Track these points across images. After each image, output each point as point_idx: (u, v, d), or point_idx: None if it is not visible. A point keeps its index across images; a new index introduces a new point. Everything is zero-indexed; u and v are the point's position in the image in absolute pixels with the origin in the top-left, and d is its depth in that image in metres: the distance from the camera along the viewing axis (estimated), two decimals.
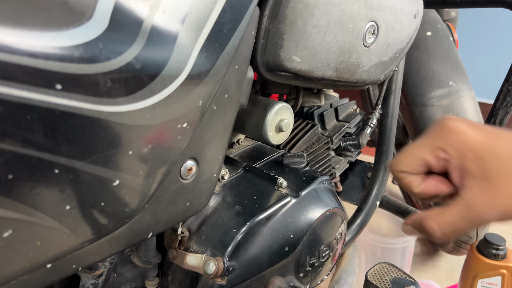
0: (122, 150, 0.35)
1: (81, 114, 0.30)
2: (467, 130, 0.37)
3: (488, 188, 0.35)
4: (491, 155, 0.35)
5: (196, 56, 0.39)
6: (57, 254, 0.35)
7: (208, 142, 0.46)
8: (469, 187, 0.36)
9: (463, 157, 0.36)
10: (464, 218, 0.36)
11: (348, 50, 0.59)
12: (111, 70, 0.31)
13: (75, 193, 0.33)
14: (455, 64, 1.03)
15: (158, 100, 0.36)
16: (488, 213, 0.35)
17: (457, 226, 0.37)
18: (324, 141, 0.80)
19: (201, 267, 0.50)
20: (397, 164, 0.41)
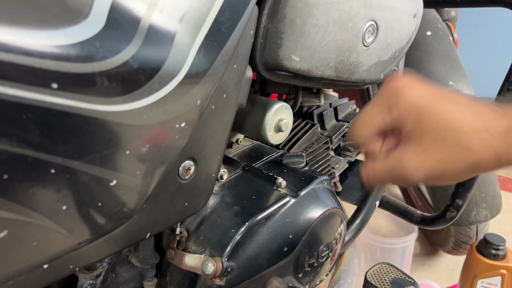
0: (119, 150, 0.35)
1: (78, 114, 0.30)
2: (410, 90, 0.36)
3: (419, 151, 0.35)
4: (428, 117, 0.35)
5: (194, 55, 0.39)
6: (53, 254, 0.34)
7: (206, 141, 0.46)
8: (402, 146, 0.37)
9: (405, 117, 0.36)
10: (390, 173, 0.38)
11: (348, 49, 0.58)
12: (108, 69, 0.31)
13: (72, 193, 0.32)
14: (455, 64, 1.02)
15: (155, 100, 0.36)
16: (414, 174, 0.36)
17: (383, 178, 0.39)
18: (324, 141, 0.80)
19: (200, 268, 0.50)
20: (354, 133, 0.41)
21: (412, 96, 0.36)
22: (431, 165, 0.35)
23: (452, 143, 0.34)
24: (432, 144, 0.35)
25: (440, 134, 0.35)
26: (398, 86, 0.37)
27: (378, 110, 0.39)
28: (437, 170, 0.35)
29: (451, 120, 0.34)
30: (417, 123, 0.36)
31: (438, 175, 0.36)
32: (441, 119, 0.35)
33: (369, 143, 0.41)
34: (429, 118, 0.35)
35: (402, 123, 0.37)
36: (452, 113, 0.34)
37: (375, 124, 0.39)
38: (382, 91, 0.39)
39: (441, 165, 0.35)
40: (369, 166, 0.40)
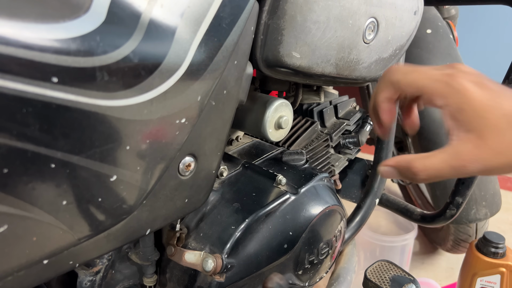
0: (119, 145, 0.35)
1: (78, 108, 0.30)
2: (472, 88, 0.38)
3: (478, 143, 0.37)
4: (492, 113, 0.36)
5: (194, 50, 0.39)
6: (53, 250, 0.34)
7: (206, 138, 0.46)
8: (460, 138, 0.38)
9: (461, 110, 0.38)
10: (449, 165, 0.38)
11: (348, 46, 0.58)
12: (108, 63, 0.31)
13: (72, 188, 0.32)
14: (455, 62, 1.02)
15: (156, 95, 0.36)
16: (473, 165, 0.37)
17: (441, 172, 0.39)
18: (324, 138, 0.80)
19: (200, 264, 0.50)
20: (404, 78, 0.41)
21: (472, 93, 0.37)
22: (489, 157, 0.36)
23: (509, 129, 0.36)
24: (493, 139, 0.36)
25: (502, 130, 0.36)
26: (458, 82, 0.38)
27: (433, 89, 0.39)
28: (495, 163, 0.37)
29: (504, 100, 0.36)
30: (478, 119, 0.37)
31: (495, 168, 0.37)
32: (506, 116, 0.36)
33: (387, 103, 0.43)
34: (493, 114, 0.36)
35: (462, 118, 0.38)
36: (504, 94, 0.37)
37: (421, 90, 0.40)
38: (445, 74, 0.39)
39: (499, 158, 0.36)
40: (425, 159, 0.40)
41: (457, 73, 0.39)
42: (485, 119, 0.36)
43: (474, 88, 0.37)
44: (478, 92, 0.37)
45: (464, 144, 0.37)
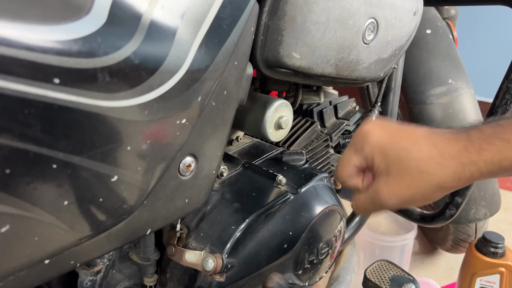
0: (120, 146, 0.35)
1: (79, 109, 0.30)
2: (375, 131, 0.43)
3: (388, 181, 0.42)
4: (391, 152, 0.42)
5: (195, 51, 0.39)
6: (54, 250, 0.34)
7: (207, 138, 0.46)
8: (376, 180, 0.44)
9: (372, 155, 0.43)
10: (371, 203, 0.44)
11: (348, 47, 0.59)
12: (109, 64, 0.31)
13: (73, 188, 0.33)
14: (454, 62, 1.02)
15: (156, 96, 0.36)
16: (389, 201, 0.43)
17: (367, 208, 0.46)
18: (323, 138, 0.80)
19: (200, 264, 0.50)
20: (338, 175, 0.48)
21: (376, 138, 0.43)
22: (400, 191, 0.42)
23: (413, 170, 0.41)
24: (398, 174, 0.41)
25: (403, 165, 0.41)
26: (364, 131, 0.44)
27: (353, 152, 0.46)
28: (406, 194, 0.42)
29: (410, 152, 0.41)
30: (383, 159, 0.42)
31: (408, 199, 0.42)
32: (402, 153, 0.41)
33: (351, 180, 0.47)
34: (392, 153, 0.42)
35: (372, 161, 0.44)
36: (410, 146, 0.41)
37: (351, 166, 0.46)
38: (354, 136, 0.46)
39: (408, 189, 0.41)
40: (356, 198, 0.47)
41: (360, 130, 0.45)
42: (387, 157, 0.42)
43: (376, 134, 0.43)
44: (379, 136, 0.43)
45: (378, 184, 0.43)
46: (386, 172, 0.42)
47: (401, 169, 0.41)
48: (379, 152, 0.43)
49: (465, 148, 0.39)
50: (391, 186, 0.42)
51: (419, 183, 0.41)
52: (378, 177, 0.43)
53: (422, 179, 0.40)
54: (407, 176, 0.41)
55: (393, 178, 0.42)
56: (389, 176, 0.42)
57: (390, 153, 0.42)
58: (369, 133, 0.44)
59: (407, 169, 0.41)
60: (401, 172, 0.41)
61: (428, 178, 0.40)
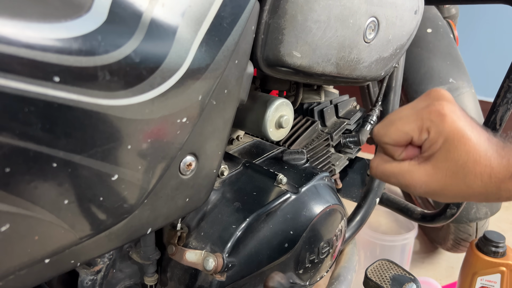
0: (121, 145, 0.35)
1: (79, 107, 0.30)
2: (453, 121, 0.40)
3: (431, 173, 0.41)
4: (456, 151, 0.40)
5: (196, 50, 0.39)
6: (55, 249, 0.34)
7: (207, 137, 0.46)
8: (418, 161, 0.42)
9: (436, 142, 0.41)
10: (397, 179, 0.43)
11: (349, 45, 0.58)
12: (110, 63, 0.31)
13: (74, 187, 0.32)
14: (455, 61, 1.02)
15: (157, 94, 0.36)
16: (418, 188, 0.42)
17: (387, 179, 0.45)
18: (324, 137, 0.80)
19: (200, 264, 0.50)
20: (384, 136, 0.44)
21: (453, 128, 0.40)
22: (434, 187, 0.41)
23: (459, 177, 0.40)
24: (445, 172, 0.40)
25: (455, 168, 0.40)
26: (443, 113, 0.40)
27: (415, 126, 0.42)
28: (438, 192, 0.42)
29: (467, 162, 0.39)
30: (446, 152, 0.40)
31: (436, 194, 0.42)
32: (462, 157, 0.39)
33: (393, 147, 0.44)
34: (456, 152, 0.40)
35: (431, 146, 0.41)
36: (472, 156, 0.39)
37: (409, 136, 0.43)
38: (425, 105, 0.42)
39: (442, 189, 0.41)
40: (381, 162, 0.45)
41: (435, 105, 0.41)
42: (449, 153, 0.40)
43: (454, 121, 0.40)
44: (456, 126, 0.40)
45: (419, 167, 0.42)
46: (434, 164, 0.41)
47: (449, 170, 0.40)
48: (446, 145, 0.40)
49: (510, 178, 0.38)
50: (430, 178, 0.41)
51: (455, 188, 0.41)
52: (423, 161, 0.42)
53: (459, 187, 0.40)
54: (449, 177, 0.40)
55: (436, 173, 0.41)
56: (435, 169, 0.41)
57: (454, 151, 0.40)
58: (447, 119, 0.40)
59: (454, 173, 0.40)
60: (448, 173, 0.40)
61: (464, 190, 0.40)
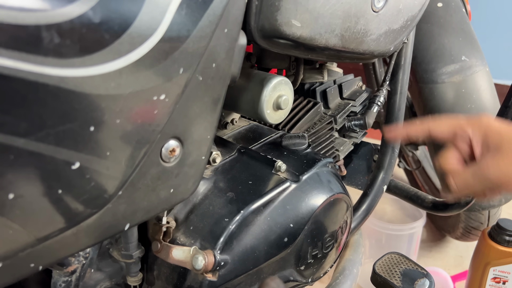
0: (80, 126, 0.28)
1: (19, 77, 0.24)
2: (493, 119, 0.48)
3: (497, 156, 0.45)
4: (507, 133, 0.46)
5: (173, 12, 0.32)
6: (4, 252, 0.29)
7: (193, 119, 0.40)
8: (483, 156, 0.47)
9: (486, 135, 0.47)
10: (474, 176, 0.47)
11: (355, 14, 0.52)
12: (58, 22, 0.25)
13: (19, 178, 0.26)
14: (468, 38, 0.95)
15: (125, 64, 0.30)
16: (493, 174, 0.45)
17: (468, 182, 0.48)
18: (327, 120, 0.74)
19: (189, 262, 0.44)
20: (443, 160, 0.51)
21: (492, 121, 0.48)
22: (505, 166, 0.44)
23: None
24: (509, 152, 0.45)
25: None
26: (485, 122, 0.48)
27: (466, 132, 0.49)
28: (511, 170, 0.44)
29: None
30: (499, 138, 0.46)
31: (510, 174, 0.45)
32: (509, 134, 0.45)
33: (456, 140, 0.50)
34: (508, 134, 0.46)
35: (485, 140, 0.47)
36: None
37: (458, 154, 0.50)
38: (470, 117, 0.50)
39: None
40: (456, 175, 0.49)
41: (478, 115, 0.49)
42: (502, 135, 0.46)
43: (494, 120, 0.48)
44: (496, 121, 0.47)
45: (486, 159, 0.46)
46: (496, 149, 0.46)
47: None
48: (495, 131, 0.46)
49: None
50: (498, 160, 0.45)
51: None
52: (487, 154, 0.47)
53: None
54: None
55: (502, 154, 0.45)
56: (498, 152, 0.45)
57: (504, 132, 0.46)
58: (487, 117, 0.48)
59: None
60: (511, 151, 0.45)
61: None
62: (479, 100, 0.92)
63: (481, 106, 0.93)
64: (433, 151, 1.01)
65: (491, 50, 1.42)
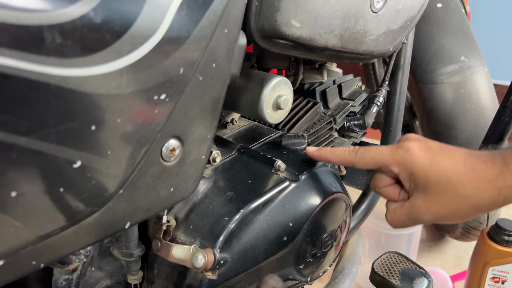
0: (81, 125, 0.29)
1: (21, 77, 0.24)
2: (418, 150, 0.46)
3: (426, 199, 0.45)
4: (431, 173, 0.44)
5: (174, 12, 0.33)
6: (5, 250, 0.29)
7: (194, 118, 0.40)
8: (414, 196, 0.46)
9: (412, 174, 0.46)
10: (408, 218, 0.47)
11: (354, 15, 0.52)
12: (60, 22, 0.25)
13: (21, 176, 0.27)
14: (467, 38, 0.95)
15: (126, 64, 0.30)
16: (425, 216, 0.46)
17: (403, 223, 0.49)
18: (327, 120, 0.74)
19: (189, 260, 0.45)
20: (374, 184, 0.51)
21: (418, 157, 0.45)
22: (436, 209, 0.44)
23: (451, 192, 0.43)
24: (436, 193, 0.44)
25: (441, 186, 0.44)
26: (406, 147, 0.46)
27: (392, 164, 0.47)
28: (442, 212, 0.44)
29: (449, 175, 0.43)
30: (423, 178, 0.45)
31: (443, 216, 0.45)
32: (442, 174, 0.43)
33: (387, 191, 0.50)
34: (432, 174, 0.44)
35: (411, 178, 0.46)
36: (450, 168, 0.43)
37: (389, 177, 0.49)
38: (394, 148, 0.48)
39: (444, 208, 0.44)
40: (391, 211, 0.50)
41: (404, 143, 0.47)
42: (427, 176, 0.44)
43: (419, 153, 0.45)
44: (421, 156, 0.45)
45: (416, 200, 0.46)
46: (424, 190, 0.45)
47: (439, 190, 0.44)
48: (420, 170, 0.45)
49: (501, 173, 0.41)
50: (429, 203, 0.45)
51: (455, 204, 0.43)
52: (416, 193, 0.46)
53: (459, 200, 0.43)
54: (444, 196, 0.44)
55: (430, 196, 0.45)
56: (427, 194, 0.45)
57: (430, 173, 0.44)
58: (412, 150, 0.46)
59: (444, 190, 0.43)
60: (439, 192, 0.44)
61: (464, 201, 0.43)
62: (478, 100, 0.92)
63: (480, 107, 0.93)
64: None
65: (490, 51, 1.43)
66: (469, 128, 0.93)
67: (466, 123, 0.93)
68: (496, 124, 0.69)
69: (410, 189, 0.47)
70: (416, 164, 0.45)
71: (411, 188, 0.47)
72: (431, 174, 0.44)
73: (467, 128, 0.93)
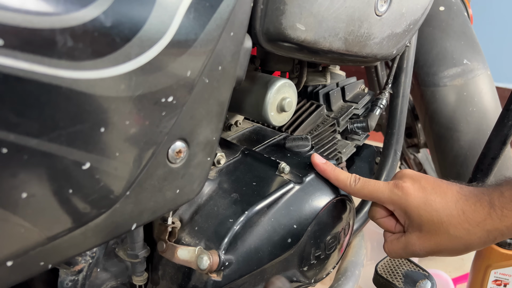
0: (91, 127, 0.29)
1: (33, 79, 0.24)
2: (413, 190, 0.49)
3: (420, 236, 0.49)
4: (424, 213, 0.48)
5: (182, 16, 0.33)
6: (15, 250, 0.29)
7: (200, 121, 0.40)
8: (409, 232, 0.50)
9: (407, 213, 0.49)
10: (404, 251, 0.51)
11: (359, 18, 0.52)
12: (71, 26, 0.25)
13: (32, 178, 0.27)
14: (470, 41, 0.95)
15: (135, 67, 0.30)
16: (420, 252, 0.49)
17: (399, 255, 0.52)
18: (330, 123, 0.74)
19: (194, 262, 0.45)
20: (372, 216, 0.55)
21: (413, 197, 0.48)
22: (430, 246, 0.48)
23: (443, 232, 0.47)
24: (429, 232, 0.48)
25: (434, 226, 0.47)
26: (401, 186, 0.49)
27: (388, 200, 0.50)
28: (435, 250, 0.48)
29: (441, 216, 0.47)
30: (417, 217, 0.48)
31: (437, 252, 0.49)
32: (434, 215, 0.47)
33: (384, 222, 0.54)
34: (425, 214, 0.47)
35: (406, 215, 0.49)
36: (442, 210, 0.47)
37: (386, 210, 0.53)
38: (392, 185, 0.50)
39: (437, 246, 0.48)
40: (388, 243, 0.53)
41: (399, 183, 0.50)
42: (421, 216, 0.48)
43: (414, 193, 0.49)
44: (415, 196, 0.48)
45: (411, 236, 0.50)
46: (418, 228, 0.48)
47: (432, 230, 0.47)
48: (414, 210, 0.48)
49: (488, 216, 0.44)
50: (422, 240, 0.48)
51: (448, 243, 0.47)
52: (411, 229, 0.50)
53: (451, 240, 0.46)
54: (437, 235, 0.47)
55: (424, 234, 0.48)
56: (421, 232, 0.48)
57: (423, 213, 0.47)
58: (406, 190, 0.49)
59: (437, 230, 0.47)
60: (432, 232, 0.47)
61: (455, 241, 0.46)
62: (481, 103, 0.92)
63: (483, 109, 0.93)
64: (435, 154, 1.02)
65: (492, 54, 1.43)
66: (471, 130, 0.93)
67: (468, 126, 0.93)
68: (499, 127, 0.69)
69: (405, 224, 0.51)
70: (410, 204, 0.48)
71: (406, 224, 0.50)
72: (424, 215, 0.47)
73: (469, 131, 0.93)
